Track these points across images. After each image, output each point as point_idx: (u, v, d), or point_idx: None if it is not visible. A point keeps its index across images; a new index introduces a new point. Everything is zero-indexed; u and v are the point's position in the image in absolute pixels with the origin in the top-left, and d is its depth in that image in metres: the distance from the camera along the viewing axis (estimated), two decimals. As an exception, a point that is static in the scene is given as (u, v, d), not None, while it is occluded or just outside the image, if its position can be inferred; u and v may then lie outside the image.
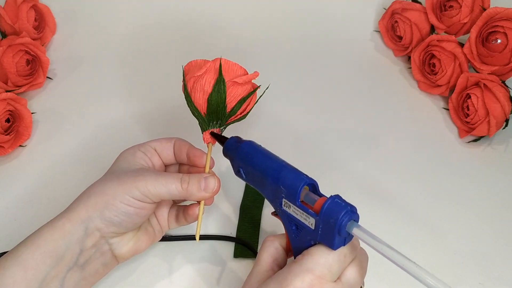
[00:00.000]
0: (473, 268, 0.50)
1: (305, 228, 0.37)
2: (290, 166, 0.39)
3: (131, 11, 0.73)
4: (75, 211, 0.41)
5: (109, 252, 0.43)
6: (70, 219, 0.41)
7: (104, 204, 0.41)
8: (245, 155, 0.41)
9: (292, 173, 0.38)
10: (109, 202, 0.41)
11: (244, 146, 0.41)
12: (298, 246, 0.38)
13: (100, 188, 0.42)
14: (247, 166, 0.41)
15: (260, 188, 0.40)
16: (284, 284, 0.35)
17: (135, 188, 0.41)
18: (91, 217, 0.41)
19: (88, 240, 0.41)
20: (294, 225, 0.38)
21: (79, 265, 0.41)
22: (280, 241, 0.40)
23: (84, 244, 0.41)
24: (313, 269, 0.35)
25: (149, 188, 0.41)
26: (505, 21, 0.58)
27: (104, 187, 0.42)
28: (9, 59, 0.59)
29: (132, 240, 0.44)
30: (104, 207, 0.41)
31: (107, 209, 0.41)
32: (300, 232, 0.37)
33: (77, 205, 0.41)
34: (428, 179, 0.58)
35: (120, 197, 0.41)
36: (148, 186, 0.41)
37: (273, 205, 0.40)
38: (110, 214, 0.41)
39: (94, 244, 0.41)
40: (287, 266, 0.36)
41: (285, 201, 0.38)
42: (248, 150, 0.41)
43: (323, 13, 0.74)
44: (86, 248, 0.41)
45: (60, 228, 0.40)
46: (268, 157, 0.40)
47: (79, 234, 0.40)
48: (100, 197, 0.41)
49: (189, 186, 0.42)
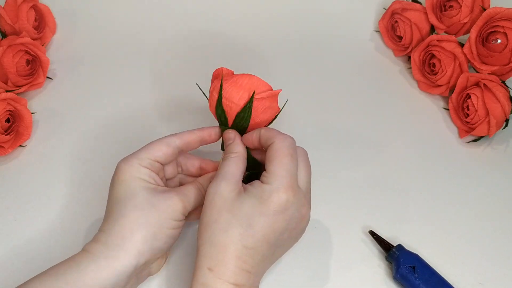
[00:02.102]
0: (473, 268, 0.50)
1: None
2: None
3: (131, 11, 0.73)
4: (123, 250, 0.39)
5: (147, 274, 0.44)
6: (119, 259, 0.39)
7: (153, 236, 0.40)
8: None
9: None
10: (157, 232, 0.41)
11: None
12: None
13: (142, 221, 0.40)
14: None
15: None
16: (265, 203, 0.40)
17: (176, 211, 0.42)
18: (142, 252, 0.40)
19: (135, 272, 0.41)
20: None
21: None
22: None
23: (131, 277, 0.40)
24: (280, 185, 0.40)
25: (186, 206, 0.43)
26: (505, 21, 0.58)
27: (146, 219, 0.40)
28: (9, 59, 0.59)
29: (165, 253, 0.46)
30: (153, 239, 0.40)
31: (156, 240, 0.41)
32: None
33: (122, 242, 0.39)
34: (428, 179, 0.58)
35: (167, 224, 0.41)
36: (185, 204, 0.43)
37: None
38: (160, 243, 0.41)
39: (139, 273, 0.42)
40: (257, 187, 0.41)
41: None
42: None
43: (323, 13, 0.74)
44: (131, 280, 0.41)
45: (108, 267, 0.39)
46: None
47: (130, 271, 0.40)
48: (146, 229, 0.40)
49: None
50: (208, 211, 0.41)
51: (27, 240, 0.51)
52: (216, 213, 0.40)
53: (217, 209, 0.40)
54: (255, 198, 0.40)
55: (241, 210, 0.40)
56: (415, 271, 0.47)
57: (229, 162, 0.44)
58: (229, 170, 0.43)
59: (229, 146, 0.45)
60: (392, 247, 0.49)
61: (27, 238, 0.51)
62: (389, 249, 0.50)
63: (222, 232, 0.39)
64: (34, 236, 0.51)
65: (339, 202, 0.55)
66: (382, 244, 0.50)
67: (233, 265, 0.39)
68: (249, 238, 0.40)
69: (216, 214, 0.40)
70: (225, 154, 0.45)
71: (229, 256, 0.39)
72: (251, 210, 0.40)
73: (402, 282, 0.48)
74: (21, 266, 0.49)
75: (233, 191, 0.41)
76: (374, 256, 0.51)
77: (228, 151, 0.45)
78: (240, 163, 0.44)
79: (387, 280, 0.49)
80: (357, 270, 0.50)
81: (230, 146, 0.45)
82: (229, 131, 0.47)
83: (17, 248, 0.50)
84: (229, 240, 0.39)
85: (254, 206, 0.40)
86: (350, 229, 0.53)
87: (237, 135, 0.46)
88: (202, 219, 0.41)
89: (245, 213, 0.40)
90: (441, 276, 0.48)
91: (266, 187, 0.41)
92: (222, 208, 0.40)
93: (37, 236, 0.51)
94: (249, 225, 0.40)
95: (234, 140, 0.45)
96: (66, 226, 0.52)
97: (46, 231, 0.52)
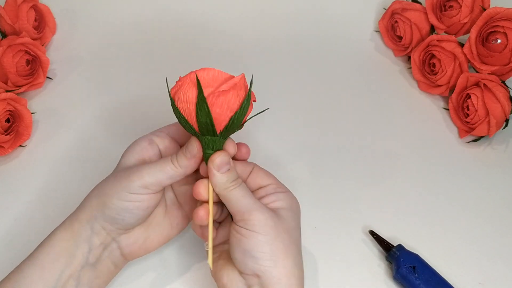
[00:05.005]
0: (473, 268, 0.51)
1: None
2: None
3: (131, 11, 0.73)
4: (82, 212, 0.42)
5: (117, 250, 0.43)
6: (78, 219, 0.42)
7: (103, 204, 0.41)
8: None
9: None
10: (106, 201, 0.41)
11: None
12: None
13: (100, 189, 0.43)
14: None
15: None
16: (296, 209, 0.43)
17: (130, 182, 0.41)
18: (95, 216, 0.42)
19: (95, 239, 0.42)
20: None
21: (90, 263, 0.42)
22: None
23: (92, 243, 0.42)
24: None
25: (146, 179, 0.41)
26: (505, 21, 0.58)
27: (103, 187, 0.42)
28: (9, 59, 0.59)
29: (141, 237, 0.44)
30: (104, 207, 0.41)
31: (107, 208, 0.41)
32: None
33: (83, 206, 0.43)
34: (428, 179, 0.58)
35: (118, 194, 0.41)
36: (144, 177, 0.41)
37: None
38: (111, 213, 0.41)
39: (102, 242, 0.42)
40: (283, 199, 0.42)
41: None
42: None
43: (323, 13, 0.74)
44: (94, 246, 0.42)
45: (70, 228, 0.42)
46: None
47: (87, 233, 0.42)
48: (99, 197, 0.42)
49: (179, 161, 0.41)
50: (279, 237, 0.39)
51: (27, 240, 0.51)
52: (288, 237, 0.40)
53: (284, 232, 0.40)
54: (293, 207, 0.42)
55: (291, 226, 0.41)
56: (415, 271, 0.47)
57: (245, 188, 0.41)
58: (251, 195, 0.41)
59: (231, 173, 0.41)
60: (392, 247, 0.49)
61: (27, 238, 0.51)
62: (389, 249, 0.50)
63: (298, 252, 0.41)
64: (34, 236, 0.51)
65: (339, 202, 0.55)
66: (382, 244, 0.50)
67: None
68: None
69: (288, 237, 0.40)
70: (231, 182, 0.41)
71: (302, 273, 0.41)
72: (297, 221, 0.42)
73: (402, 282, 0.48)
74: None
75: (271, 213, 0.41)
76: (374, 256, 0.51)
77: (232, 178, 0.41)
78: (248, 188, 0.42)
79: (387, 280, 0.49)
80: (357, 270, 0.50)
81: (233, 173, 0.41)
82: (223, 154, 0.41)
83: (17, 248, 0.50)
84: (300, 257, 0.42)
85: (293, 217, 0.42)
86: (350, 229, 0.53)
87: (229, 159, 0.41)
88: (274, 248, 0.39)
89: (294, 226, 0.42)
90: (441, 276, 0.48)
91: (290, 193, 0.43)
92: (285, 229, 0.40)
93: (37, 236, 0.51)
94: (297, 238, 0.42)
95: (232, 164, 0.42)
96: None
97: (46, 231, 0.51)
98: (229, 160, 0.41)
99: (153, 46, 0.70)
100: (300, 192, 0.46)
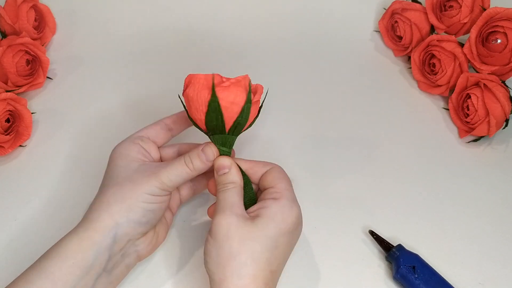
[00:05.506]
0: (473, 268, 0.50)
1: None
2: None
3: (131, 11, 0.73)
4: (100, 221, 0.41)
5: (134, 253, 0.44)
6: (97, 230, 0.41)
7: (128, 208, 0.41)
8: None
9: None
10: (132, 205, 0.41)
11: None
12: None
13: (118, 195, 0.42)
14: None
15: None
16: (287, 220, 0.41)
17: (152, 186, 0.42)
18: (119, 223, 0.41)
19: (116, 246, 0.41)
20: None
21: (107, 270, 0.42)
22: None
23: (113, 251, 0.41)
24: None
25: (164, 181, 0.42)
26: (505, 21, 0.58)
27: (122, 193, 0.42)
28: (9, 59, 0.59)
29: (154, 236, 0.45)
30: (129, 211, 0.41)
31: (133, 212, 0.41)
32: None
33: (99, 214, 0.41)
34: (428, 179, 0.58)
35: (142, 197, 0.42)
36: (163, 180, 0.42)
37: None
38: (137, 216, 0.42)
39: (122, 248, 0.42)
40: (273, 206, 0.41)
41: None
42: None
43: (322, 13, 0.74)
44: (114, 253, 0.42)
45: (87, 239, 0.40)
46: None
47: (108, 242, 0.41)
48: (122, 202, 0.42)
49: (194, 164, 0.44)
50: (226, 244, 0.39)
51: (27, 240, 0.51)
52: (236, 245, 0.39)
53: (237, 241, 0.39)
54: (276, 217, 0.40)
55: (265, 235, 0.40)
56: (415, 271, 0.47)
57: (231, 193, 0.43)
58: (234, 201, 0.42)
59: (225, 176, 0.44)
60: (392, 247, 0.49)
61: (27, 238, 0.51)
62: (389, 249, 0.50)
63: (250, 262, 0.39)
64: (34, 236, 0.51)
65: (339, 202, 0.55)
66: (382, 244, 0.50)
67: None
68: (275, 261, 0.40)
69: (237, 246, 0.39)
70: (222, 184, 0.43)
71: (258, 285, 0.39)
72: (274, 231, 0.40)
73: (402, 282, 0.48)
74: (21, 266, 0.49)
75: (247, 219, 0.40)
76: (374, 256, 0.51)
77: (224, 181, 0.44)
78: (241, 193, 0.43)
79: (387, 280, 0.49)
80: (357, 270, 0.50)
81: (227, 176, 0.44)
82: (223, 158, 0.44)
83: (17, 248, 0.50)
84: (258, 269, 0.39)
85: (277, 226, 0.40)
86: (350, 229, 0.53)
87: (233, 163, 0.44)
88: (219, 254, 0.39)
89: (270, 236, 0.40)
90: (441, 276, 0.48)
91: (284, 202, 0.41)
92: (243, 238, 0.39)
93: (37, 237, 0.51)
94: (275, 247, 0.40)
95: (230, 169, 0.44)
96: (66, 226, 0.52)
97: (46, 231, 0.52)
98: (228, 165, 0.44)
99: (153, 46, 0.70)
100: (300, 192, 0.46)
